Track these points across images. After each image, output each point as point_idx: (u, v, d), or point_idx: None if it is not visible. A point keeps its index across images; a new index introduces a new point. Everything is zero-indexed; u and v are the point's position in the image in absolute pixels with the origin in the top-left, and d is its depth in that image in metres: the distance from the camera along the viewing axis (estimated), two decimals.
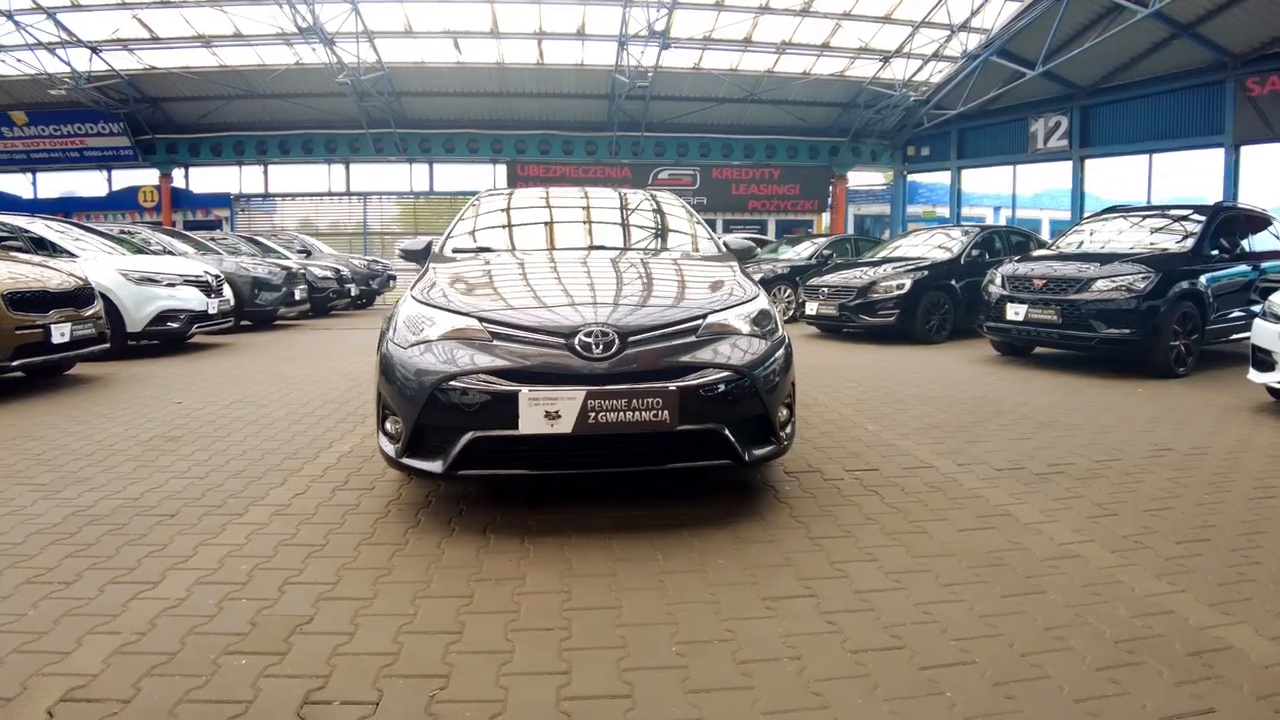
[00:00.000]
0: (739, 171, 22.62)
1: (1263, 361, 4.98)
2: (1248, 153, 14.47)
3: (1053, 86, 16.81)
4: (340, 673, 1.83)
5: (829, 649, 1.97)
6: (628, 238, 4.24)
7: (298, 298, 11.34)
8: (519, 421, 2.55)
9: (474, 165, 22.23)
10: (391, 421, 2.85)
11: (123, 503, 3.12)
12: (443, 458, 2.67)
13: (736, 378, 2.77)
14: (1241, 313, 6.92)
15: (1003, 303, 7.26)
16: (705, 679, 1.81)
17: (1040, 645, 2.01)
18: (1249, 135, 14.15)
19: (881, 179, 23.62)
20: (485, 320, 2.80)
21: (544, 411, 2.54)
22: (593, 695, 1.74)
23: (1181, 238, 7.17)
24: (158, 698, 1.74)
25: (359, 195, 22.08)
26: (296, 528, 2.83)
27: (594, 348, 2.66)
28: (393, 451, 2.82)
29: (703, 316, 2.90)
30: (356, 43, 16.28)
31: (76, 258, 7.33)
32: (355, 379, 6.31)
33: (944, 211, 20.87)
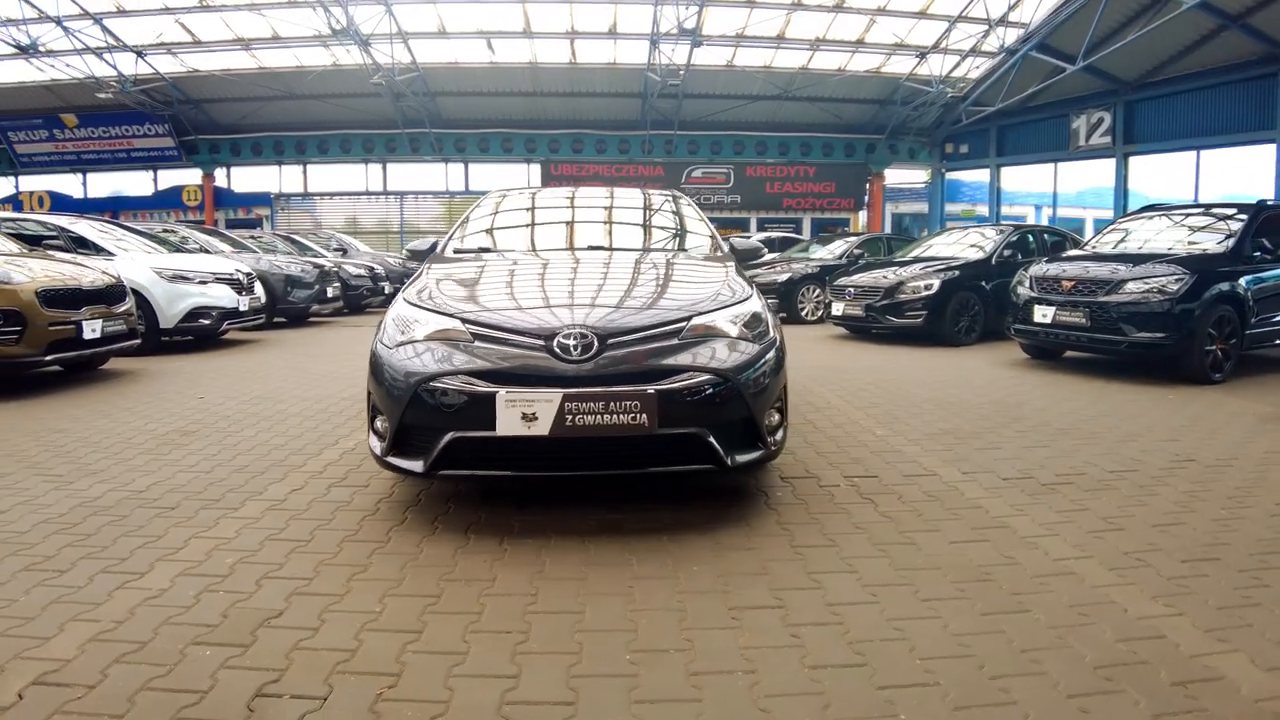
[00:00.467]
0: (773, 170, 22.45)
1: None
2: None
3: (1095, 81, 16.31)
4: (297, 667, 1.87)
5: (787, 663, 1.92)
6: (626, 238, 4.23)
7: (330, 295, 11.57)
8: (496, 423, 2.57)
9: (508, 164, 22.47)
10: (380, 420, 2.90)
11: (128, 495, 3.22)
12: (424, 457, 2.71)
13: (720, 381, 2.74)
14: None
15: (1030, 304, 7.07)
16: (653, 689, 1.79)
17: (1012, 668, 1.92)
18: None
19: (923, 177, 23.20)
20: (468, 321, 2.83)
21: (521, 413, 2.56)
22: (536, 701, 1.74)
23: (1222, 238, 6.89)
24: (120, 685, 1.80)
25: (395, 194, 22.47)
26: (286, 523, 2.89)
27: (572, 350, 2.66)
28: (379, 450, 2.87)
29: (687, 319, 2.87)
30: (390, 44, 16.57)
31: (113, 256, 7.59)
32: None
33: (984, 210, 20.42)
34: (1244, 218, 6.90)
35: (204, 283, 8.01)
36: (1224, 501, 3.24)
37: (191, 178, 21.89)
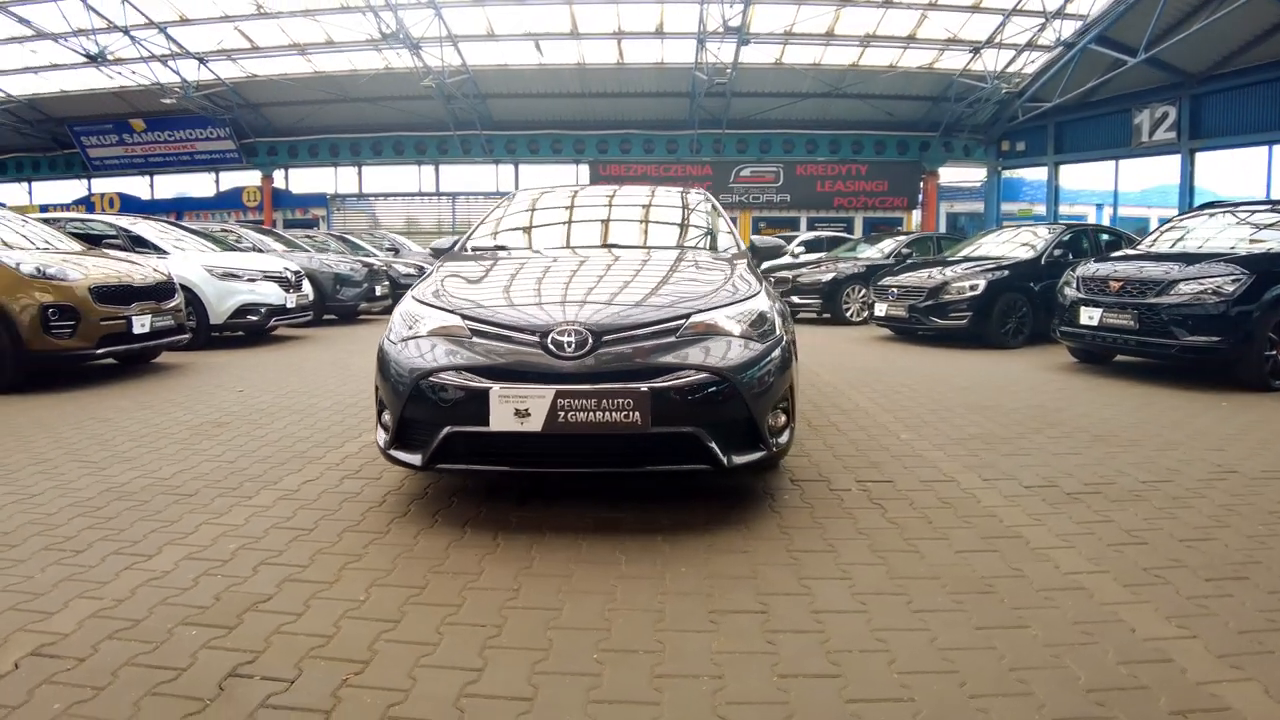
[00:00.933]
0: (824, 168, 22.15)
1: None
2: None
3: (1158, 74, 15.55)
4: (273, 650, 1.92)
5: (756, 671, 1.87)
6: (639, 236, 4.23)
7: (378, 293, 11.88)
8: (489, 418, 2.60)
9: (557, 165, 22.69)
10: (386, 414, 2.96)
11: (153, 482, 3.37)
12: (423, 451, 2.75)
13: (717, 380, 2.70)
14: None
15: (1077, 306, 6.80)
16: (613, 690, 1.77)
17: (996, 688, 1.80)
18: None
19: (981, 175, 22.56)
20: (467, 318, 2.87)
21: (514, 409, 2.57)
22: (495, 695, 1.74)
23: None
24: (108, 659, 1.88)
25: (447, 195, 22.92)
26: (294, 512, 2.98)
27: (566, 346, 2.67)
28: (383, 443, 2.93)
29: (685, 316, 2.84)
30: (440, 47, 16.91)
31: (167, 254, 7.94)
32: None
33: (1041, 210, 19.74)
34: None
35: (252, 280, 8.31)
36: (1264, 517, 3.03)
37: (251, 179, 22.76)
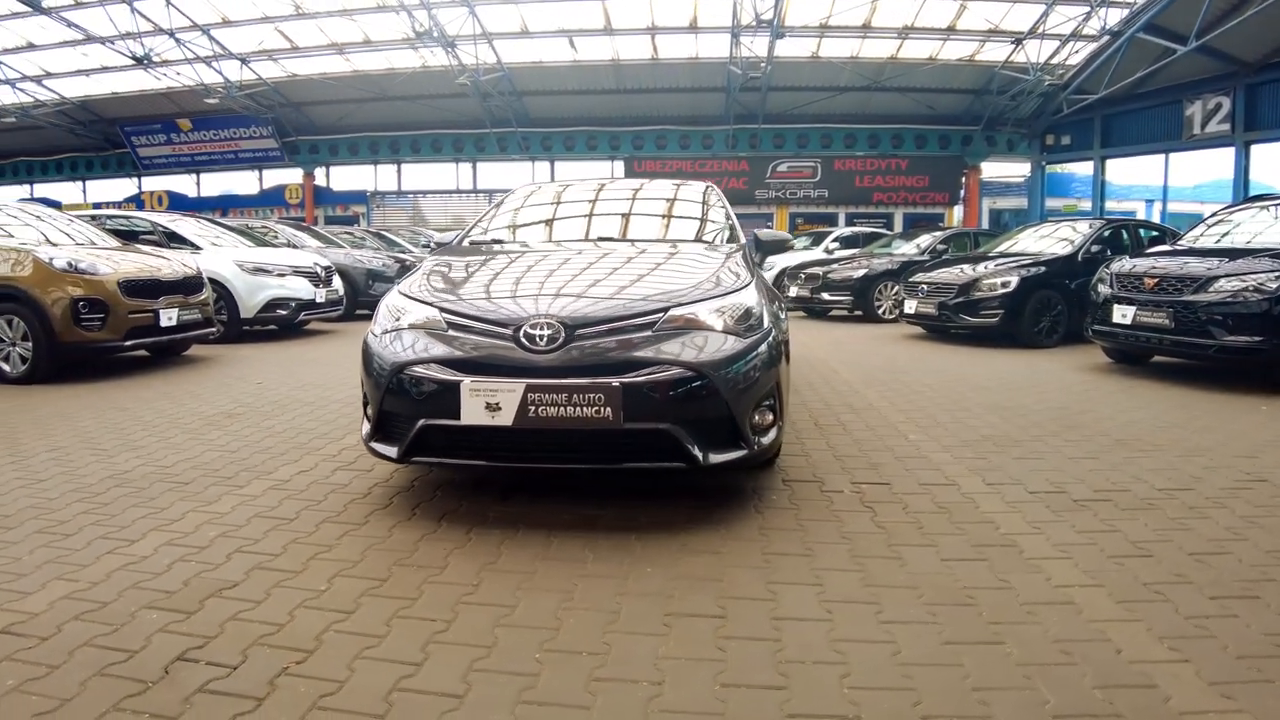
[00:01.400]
0: (863, 163, 21.75)
1: None
2: None
3: (1211, 63, 14.83)
4: (224, 637, 1.96)
5: (699, 678, 1.81)
6: (633, 230, 4.18)
7: None
8: (461, 412, 2.60)
9: (593, 162, 22.70)
10: (369, 406, 2.99)
11: (154, 470, 3.47)
12: (400, 443, 2.78)
13: (692, 375, 2.65)
14: None
15: (1109, 303, 6.55)
16: (546, 693, 1.75)
17: (953, 709, 1.68)
18: None
19: (1025, 170, 21.92)
20: (445, 311, 2.87)
21: (485, 403, 2.58)
22: (427, 691, 1.74)
23: None
24: (68, 640, 1.95)
25: (484, 193, 23.15)
26: (280, 501, 3.04)
27: (538, 340, 2.66)
28: (365, 434, 2.96)
29: (663, 310, 2.79)
30: (474, 44, 17.08)
31: (200, 250, 8.17)
32: None
33: (1087, 206, 19.07)
34: None
35: (282, 275, 8.51)
36: None
37: (293, 177, 23.32)
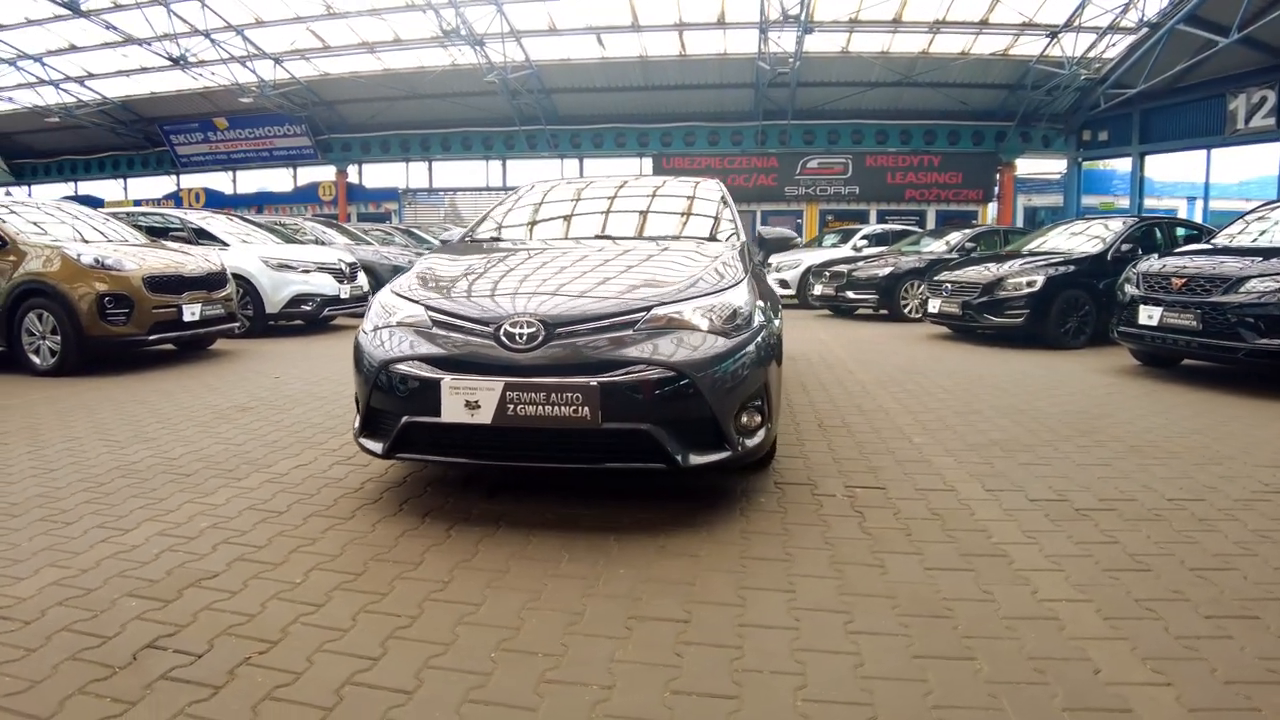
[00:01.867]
0: (895, 159, 21.43)
1: None
2: None
3: (1255, 55, 14.27)
4: (196, 626, 2.02)
5: (650, 684, 1.80)
6: (628, 228, 4.18)
7: None
8: (441, 409, 2.64)
9: (621, 159, 22.72)
10: (359, 402, 3.05)
11: (160, 462, 3.58)
12: (384, 440, 2.83)
13: (673, 375, 2.65)
14: None
15: (1135, 305, 6.36)
16: (497, 692, 1.76)
17: None
18: None
19: (1061, 167, 21.41)
20: (430, 308, 2.92)
21: (464, 401, 2.61)
22: (379, 686, 1.77)
23: None
24: (49, 624, 2.03)
25: (515, 190, 23.29)
26: (274, 494, 3.11)
27: (518, 338, 2.68)
28: (355, 430, 3.02)
29: (646, 309, 2.79)
30: (503, 43, 17.21)
31: (227, 246, 8.38)
32: None
33: (1125, 203, 18.55)
34: None
35: (306, 272, 8.68)
36: None
37: (326, 174, 23.76)
